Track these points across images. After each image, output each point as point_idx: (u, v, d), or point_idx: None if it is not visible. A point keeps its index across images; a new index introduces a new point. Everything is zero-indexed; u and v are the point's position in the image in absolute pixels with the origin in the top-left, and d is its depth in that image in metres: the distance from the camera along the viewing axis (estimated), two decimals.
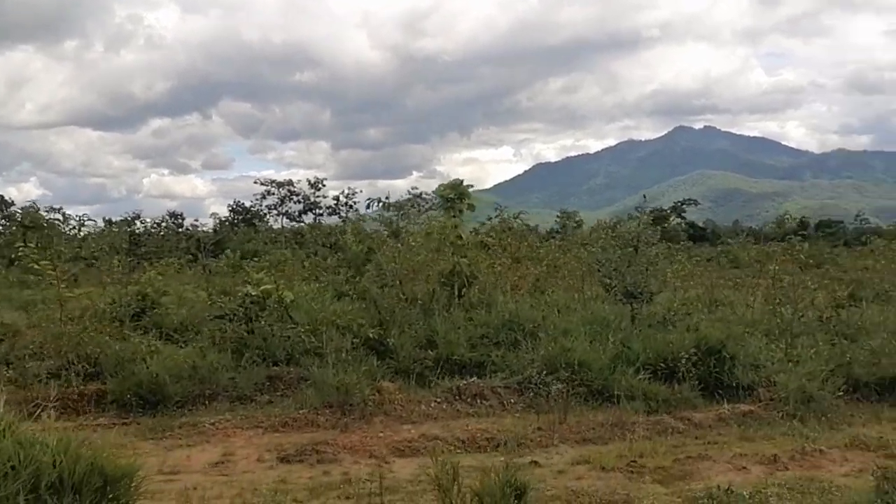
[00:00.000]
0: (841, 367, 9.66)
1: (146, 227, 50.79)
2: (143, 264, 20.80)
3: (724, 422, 8.54)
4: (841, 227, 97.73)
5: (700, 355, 9.76)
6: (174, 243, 44.33)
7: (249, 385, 9.24)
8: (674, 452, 7.26)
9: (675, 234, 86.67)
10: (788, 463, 6.88)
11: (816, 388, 8.83)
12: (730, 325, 12.03)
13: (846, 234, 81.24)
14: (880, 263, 16.74)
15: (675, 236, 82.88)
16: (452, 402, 9.00)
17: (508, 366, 9.85)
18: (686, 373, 9.53)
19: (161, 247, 42.66)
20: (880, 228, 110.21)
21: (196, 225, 55.22)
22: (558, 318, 11.33)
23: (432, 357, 10.14)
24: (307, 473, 6.58)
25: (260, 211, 64.61)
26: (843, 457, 7.11)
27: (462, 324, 10.89)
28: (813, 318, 12.29)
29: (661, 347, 9.89)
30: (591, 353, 9.66)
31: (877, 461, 6.96)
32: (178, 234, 50.04)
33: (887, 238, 29.87)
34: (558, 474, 6.65)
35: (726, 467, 6.80)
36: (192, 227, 54.44)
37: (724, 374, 9.60)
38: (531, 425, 8.13)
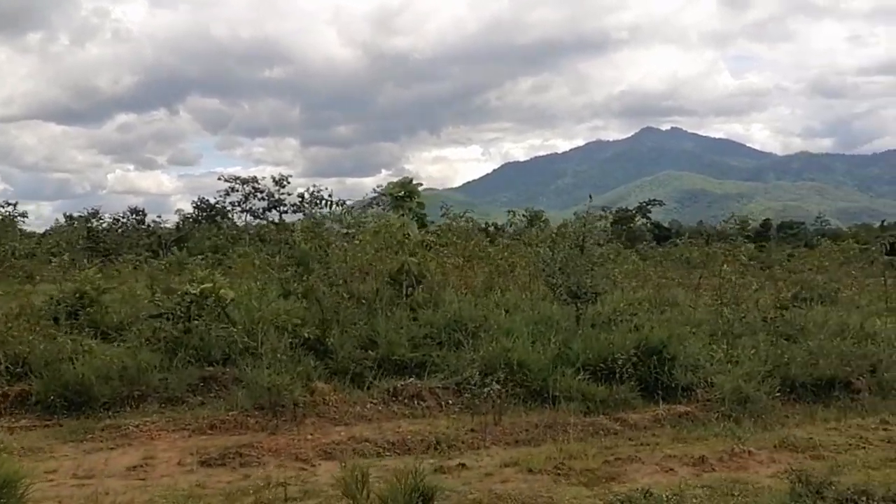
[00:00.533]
0: (779, 367, 9.71)
1: (105, 224, 49.82)
2: (94, 262, 20.39)
3: (659, 423, 8.53)
4: (802, 229, 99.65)
5: (641, 356, 9.76)
6: (134, 240, 43.58)
7: (182, 386, 9.02)
8: (604, 454, 7.21)
9: (640, 234, 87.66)
10: (716, 464, 6.87)
11: (752, 389, 8.86)
12: (674, 325, 12.09)
13: (807, 236, 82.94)
14: (823, 265, 16.92)
15: (640, 236, 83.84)
16: (389, 403, 8.88)
17: (449, 366, 9.74)
18: (625, 373, 9.51)
19: (120, 243, 41.91)
20: (840, 230, 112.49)
21: (157, 221, 54.24)
22: (503, 319, 11.25)
23: (373, 357, 10.01)
24: (227, 478, 6.41)
25: (224, 208, 63.90)
26: (770, 458, 7.12)
27: (405, 323, 10.75)
28: (757, 318, 12.38)
29: (601, 348, 9.85)
30: (531, 353, 9.61)
31: (804, 462, 7.01)
32: (139, 231, 49.16)
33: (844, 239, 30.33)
34: (485, 477, 6.55)
35: (654, 469, 6.77)
36: (154, 223, 53.49)
37: (664, 375, 9.60)
38: (464, 427, 8.04)
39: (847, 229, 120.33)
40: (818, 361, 9.90)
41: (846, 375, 9.79)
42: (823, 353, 10.10)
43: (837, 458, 7.14)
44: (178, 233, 52.11)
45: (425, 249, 12.30)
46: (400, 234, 12.82)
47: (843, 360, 10.07)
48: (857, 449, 7.47)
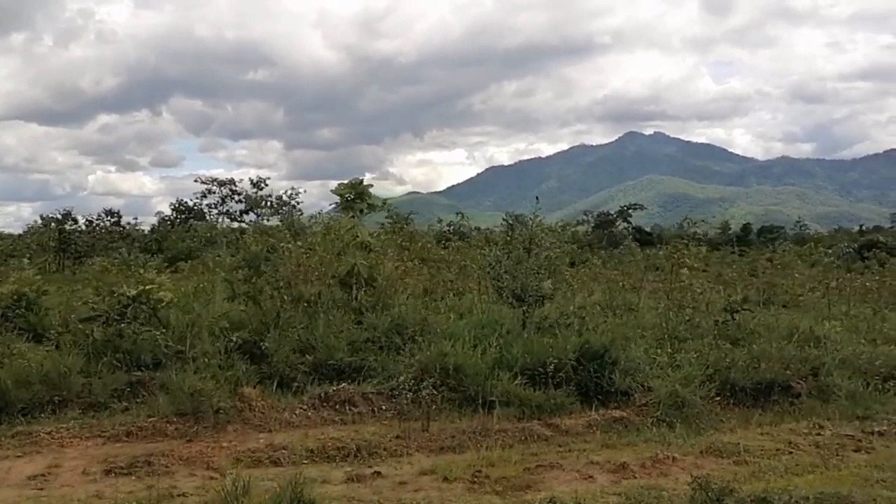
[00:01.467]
0: (719, 371, 9.59)
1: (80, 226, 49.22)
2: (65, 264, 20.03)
3: (592, 428, 8.37)
4: (782, 233, 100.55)
5: (582, 360, 9.63)
6: (107, 242, 43.04)
7: (106, 391, 8.76)
8: (527, 461, 7.05)
9: (622, 238, 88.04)
10: (637, 471, 6.73)
11: (688, 394, 8.73)
12: (626, 328, 11.99)
13: (786, 240, 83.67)
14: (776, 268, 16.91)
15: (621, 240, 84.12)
16: (319, 409, 8.66)
17: (386, 370, 9.56)
18: (564, 378, 9.37)
19: (92, 245, 41.38)
20: (819, 234, 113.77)
21: (131, 223, 53.61)
22: (448, 322, 11.08)
23: (309, 362, 9.81)
24: (128, 488, 6.18)
25: (202, 210, 63.31)
26: (694, 464, 6.98)
27: (346, 327, 10.55)
28: (708, 322, 12.29)
29: (541, 352, 9.69)
30: (469, 357, 9.43)
31: (727, 468, 6.90)
32: (111, 233, 48.57)
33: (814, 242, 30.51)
34: (398, 486, 6.37)
35: (573, 476, 6.61)
36: (128, 225, 52.87)
37: (604, 380, 9.46)
38: (391, 433, 7.85)
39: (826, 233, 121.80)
40: (759, 365, 9.79)
41: (786, 379, 9.68)
42: (765, 357, 10.00)
43: (761, 463, 7.02)
44: (153, 235, 51.67)
45: (366, 251, 12.09)
46: (348, 236, 12.64)
47: (784, 363, 9.97)
48: (784, 454, 7.35)
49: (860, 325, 13.26)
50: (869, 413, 8.98)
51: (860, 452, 7.58)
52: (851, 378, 10.21)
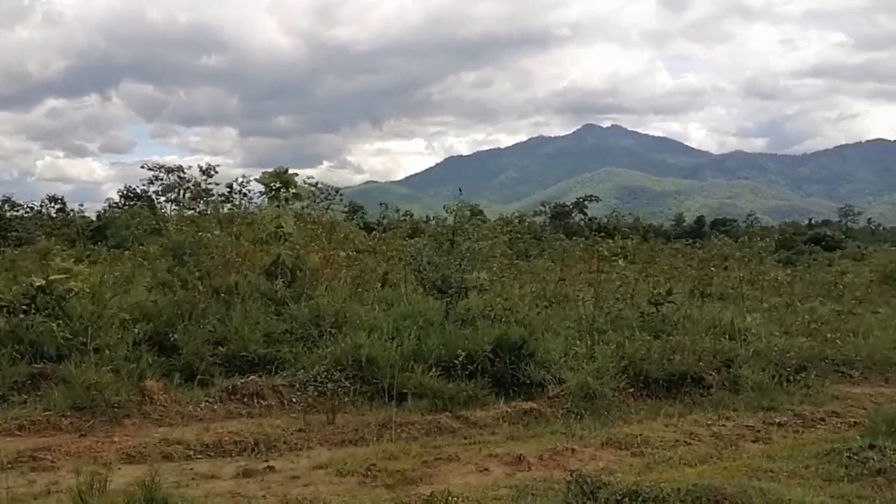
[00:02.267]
0: (634, 363, 9.66)
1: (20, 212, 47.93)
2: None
3: (502, 420, 8.36)
4: (734, 226, 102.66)
5: (500, 352, 9.62)
6: (49, 229, 41.96)
7: (6, 384, 8.46)
8: (428, 454, 7.00)
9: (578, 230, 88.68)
10: (534, 463, 6.72)
11: (600, 385, 8.78)
12: (551, 319, 12.04)
13: (738, 233, 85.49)
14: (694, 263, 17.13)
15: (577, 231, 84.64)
16: (226, 402, 8.50)
17: (300, 362, 9.43)
18: (480, 370, 9.36)
19: (32, 233, 40.31)
20: (771, 227, 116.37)
21: (76, 210, 52.34)
22: (370, 313, 10.97)
23: (223, 354, 9.64)
24: (8, 484, 5.96)
25: (150, 197, 62.24)
26: (593, 456, 7.01)
27: (262, 318, 10.39)
28: (634, 314, 12.40)
29: (459, 344, 9.64)
30: (384, 349, 9.34)
31: (624, 459, 6.93)
32: (54, 220, 47.36)
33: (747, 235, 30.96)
34: (289, 480, 6.27)
35: (470, 469, 6.58)
36: (73, 211, 51.60)
37: (520, 372, 9.46)
38: (294, 427, 7.74)
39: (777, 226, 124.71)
40: (673, 357, 9.89)
41: (698, 371, 9.80)
42: (679, 349, 10.11)
43: (658, 454, 7.07)
44: (98, 222, 50.55)
45: (278, 241, 11.90)
46: (272, 225, 12.43)
47: (698, 355, 10.10)
48: (683, 445, 7.42)
49: (776, 317, 13.50)
50: (774, 404, 9.13)
51: (758, 443, 7.70)
52: (765, 370, 10.40)
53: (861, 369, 11.63)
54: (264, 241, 12.81)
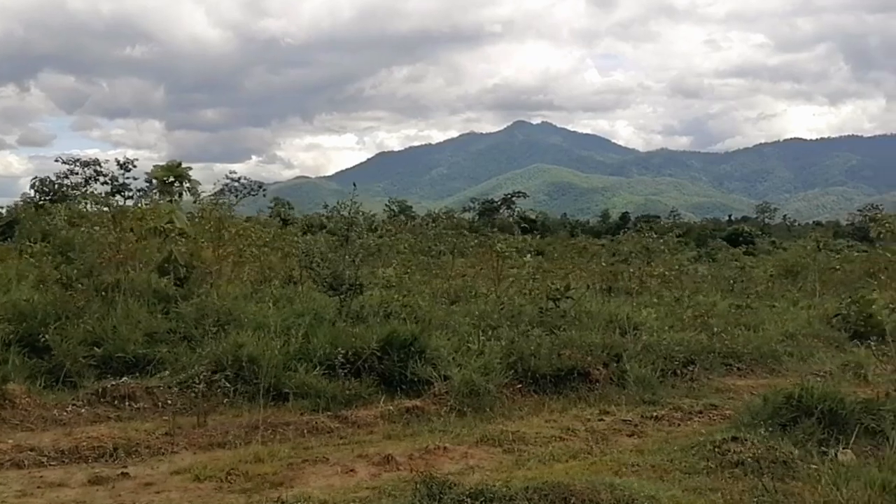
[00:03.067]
0: (523, 359, 9.68)
1: None
2: None
3: (383, 419, 8.23)
4: (657, 222, 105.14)
5: (389, 349, 9.51)
6: None
7: None
8: (297, 455, 6.81)
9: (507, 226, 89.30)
10: (403, 463, 6.61)
11: (485, 382, 8.74)
12: (448, 316, 11.99)
13: (661, 229, 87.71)
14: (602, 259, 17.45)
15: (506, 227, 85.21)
16: (95, 405, 8.13)
17: (180, 363, 9.11)
18: (367, 368, 9.22)
19: None
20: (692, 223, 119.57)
21: None
22: (265, 311, 10.70)
23: (100, 355, 9.24)
24: None
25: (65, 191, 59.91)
26: (465, 454, 6.94)
27: (144, 317, 10.01)
28: (534, 309, 12.47)
29: (346, 342, 9.48)
30: (268, 348, 9.09)
31: (495, 456, 6.89)
32: None
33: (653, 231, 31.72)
34: (142, 487, 6.00)
35: (335, 470, 6.42)
36: None
37: (408, 370, 9.35)
38: (162, 430, 7.44)
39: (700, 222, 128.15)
40: (562, 352, 9.95)
41: (586, 365, 9.88)
42: (569, 344, 10.19)
43: (531, 451, 7.06)
44: (8, 217, 48.34)
45: (171, 237, 11.52)
46: (163, 221, 12.02)
47: (586, 350, 10.19)
48: (558, 441, 7.43)
49: (670, 311, 13.78)
50: (656, 398, 9.27)
51: (633, 437, 7.78)
52: (654, 363, 10.58)
53: (748, 362, 11.95)
54: (159, 237, 12.38)
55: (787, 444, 6.59)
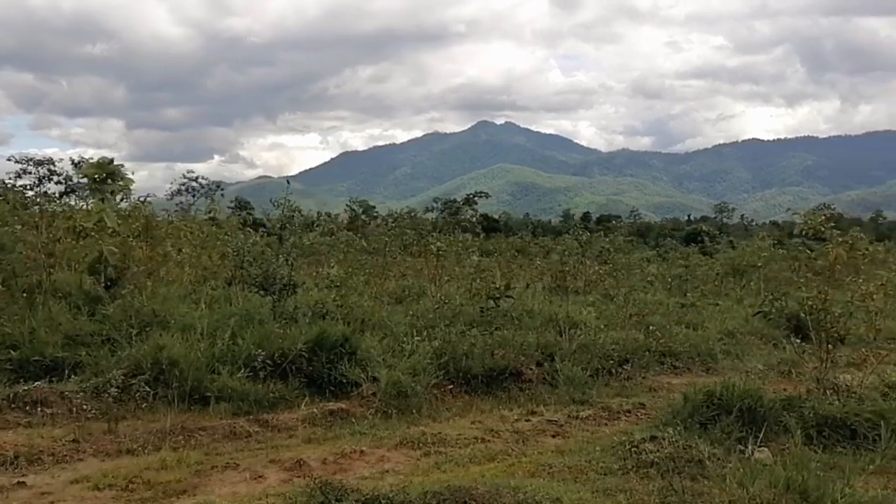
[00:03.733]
0: (455, 358, 9.57)
1: None
2: None
3: (306, 423, 8.04)
4: (618, 222, 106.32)
5: (319, 351, 9.32)
6: None
7: None
8: (207, 461, 6.60)
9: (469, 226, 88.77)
10: (316, 468, 6.44)
11: (413, 383, 8.61)
12: (390, 315, 11.84)
13: (622, 228, 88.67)
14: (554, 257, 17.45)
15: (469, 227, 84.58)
16: (6, 411, 7.79)
17: (99, 366, 8.81)
18: (295, 370, 9.03)
19: None
20: (652, 223, 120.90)
21: None
22: (190, 312, 10.43)
23: (16, 358, 8.90)
24: None
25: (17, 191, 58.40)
26: (382, 457, 6.80)
27: (66, 319, 9.69)
28: (474, 309, 12.38)
29: (273, 343, 9.27)
30: (190, 350, 8.84)
31: (413, 459, 6.76)
32: None
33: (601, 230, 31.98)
34: (38, 497, 5.75)
35: (244, 477, 6.23)
36: None
37: (336, 371, 9.17)
38: (70, 437, 7.17)
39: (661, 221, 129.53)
40: (496, 352, 9.86)
41: (519, 365, 9.80)
42: (504, 344, 10.11)
43: (451, 453, 6.94)
44: None
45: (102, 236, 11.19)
46: (92, 220, 11.68)
47: (522, 349, 10.12)
48: (480, 443, 7.32)
49: (610, 309, 13.80)
50: (586, 398, 9.23)
51: (557, 438, 7.71)
52: (590, 363, 10.56)
53: (685, 360, 11.99)
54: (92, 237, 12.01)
55: (703, 442, 6.57)
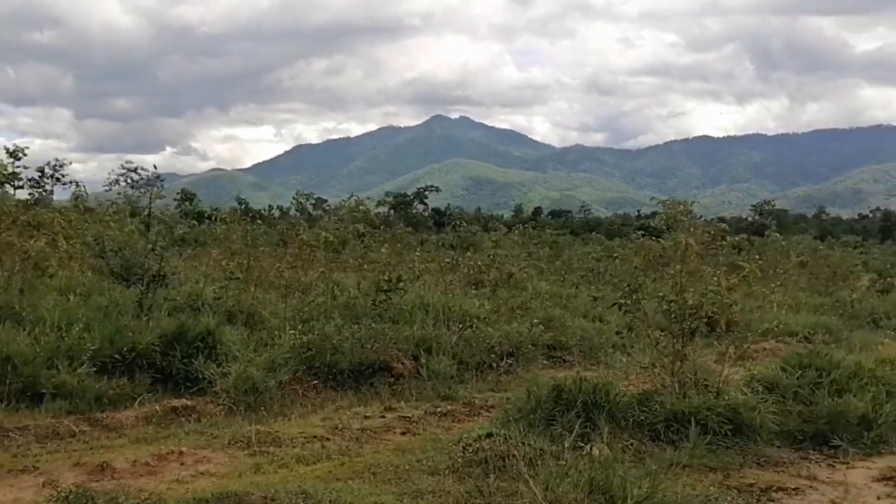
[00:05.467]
0: (322, 352, 9.16)
1: None
2: None
3: (144, 421, 7.56)
4: (569, 217, 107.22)
5: (177, 345, 8.84)
6: None
7: None
8: (8, 464, 6.10)
9: (421, 220, 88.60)
10: (124, 471, 5.97)
11: (264, 378, 8.17)
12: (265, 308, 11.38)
13: (573, 223, 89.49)
14: None
15: (420, 221, 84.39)
16: None
17: None
18: (147, 364, 8.54)
19: None
20: (602, 218, 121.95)
21: None
22: (41, 304, 9.80)
23: None
24: None
25: None
26: (202, 458, 6.34)
27: None
28: (366, 301, 12.00)
29: (130, 337, 8.75)
30: (28, 345, 8.27)
31: (240, 459, 6.37)
32: None
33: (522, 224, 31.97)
34: None
35: (36, 482, 5.72)
36: None
37: (190, 366, 8.69)
38: None
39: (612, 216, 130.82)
40: (367, 345, 9.48)
41: (389, 359, 9.44)
42: (377, 337, 9.73)
43: (282, 453, 6.52)
44: None
45: None
46: None
47: (396, 343, 9.77)
48: (318, 441, 6.92)
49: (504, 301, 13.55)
50: (451, 393, 8.91)
51: (406, 435, 7.36)
52: (473, 356, 10.28)
53: (576, 354, 11.78)
54: None
55: (543, 439, 6.29)
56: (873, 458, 6.62)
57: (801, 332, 13.50)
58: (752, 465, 6.40)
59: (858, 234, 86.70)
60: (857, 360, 7.98)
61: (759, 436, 6.86)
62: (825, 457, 6.67)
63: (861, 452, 6.71)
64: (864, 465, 6.45)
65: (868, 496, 5.73)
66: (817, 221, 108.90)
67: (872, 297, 19.81)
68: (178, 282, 11.55)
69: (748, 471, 6.24)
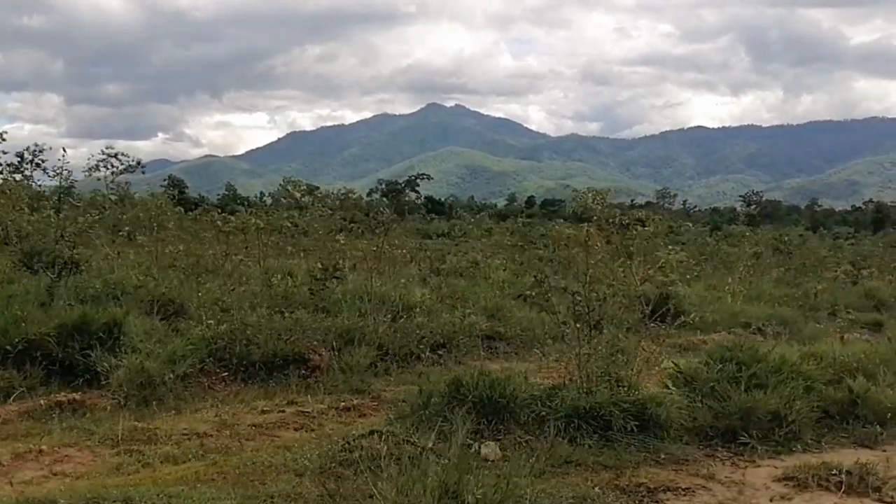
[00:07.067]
0: (232, 344, 8.75)
1: None
2: None
3: (25, 416, 7.15)
4: (562, 206, 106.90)
5: (78, 335, 8.42)
6: None
7: None
8: None
9: (414, 208, 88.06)
10: None
11: (160, 370, 7.75)
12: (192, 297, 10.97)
13: (566, 212, 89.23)
14: None
15: (413, 209, 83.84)
16: None
17: None
18: (41, 356, 8.11)
19: None
20: None
21: None
22: None
23: None
24: None
25: None
26: (62, 457, 5.93)
27: None
28: (302, 290, 11.65)
29: (27, 328, 8.31)
30: None
31: (105, 458, 5.97)
32: None
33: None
34: None
35: None
36: None
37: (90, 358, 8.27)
38: None
39: None
40: (281, 336, 9.06)
41: (304, 351, 9.02)
42: (296, 328, 9.32)
43: (154, 451, 6.07)
44: None
45: None
46: None
47: (317, 334, 9.37)
48: (198, 439, 6.50)
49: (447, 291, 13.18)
50: (364, 387, 8.51)
51: (299, 431, 6.95)
52: (402, 348, 9.91)
53: (517, 345, 11.41)
54: None
55: (427, 437, 5.89)
56: (782, 457, 6.24)
57: (754, 323, 13.08)
58: (650, 463, 6.02)
59: (851, 225, 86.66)
60: (782, 353, 7.57)
61: (666, 432, 6.50)
62: (732, 454, 6.30)
63: (771, 450, 6.34)
64: (771, 464, 6.08)
65: (762, 497, 5.36)
66: (809, 213, 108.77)
67: (840, 288, 19.48)
68: (102, 270, 11.10)
69: (644, 469, 5.86)
